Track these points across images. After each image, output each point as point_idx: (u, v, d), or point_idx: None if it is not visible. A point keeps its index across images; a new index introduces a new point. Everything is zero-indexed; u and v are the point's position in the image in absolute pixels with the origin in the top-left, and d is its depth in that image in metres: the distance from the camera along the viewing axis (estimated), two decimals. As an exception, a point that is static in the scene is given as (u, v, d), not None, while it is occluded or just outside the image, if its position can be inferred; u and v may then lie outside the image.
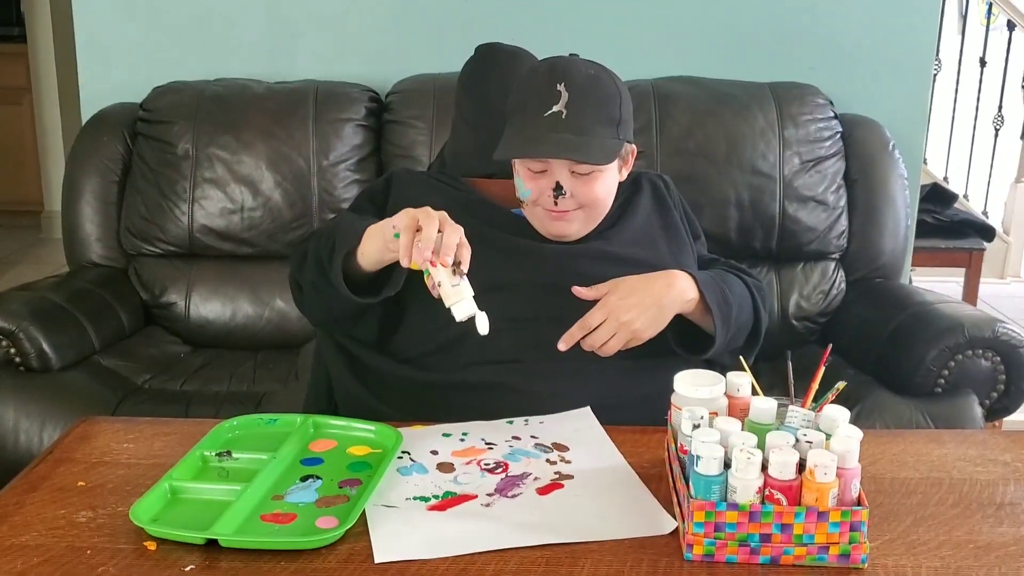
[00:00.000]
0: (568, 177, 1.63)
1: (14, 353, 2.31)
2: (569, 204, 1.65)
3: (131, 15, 2.97)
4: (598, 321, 1.56)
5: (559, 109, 1.61)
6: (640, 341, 1.58)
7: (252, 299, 2.75)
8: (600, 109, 1.64)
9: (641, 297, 1.58)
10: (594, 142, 1.62)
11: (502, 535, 1.20)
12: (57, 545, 1.17)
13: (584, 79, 1.63)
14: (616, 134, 1.66)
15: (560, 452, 1.44)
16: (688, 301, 1.62)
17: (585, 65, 1.66)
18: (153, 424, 1.54)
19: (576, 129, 1.61)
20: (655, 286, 1.60)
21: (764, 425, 1.25)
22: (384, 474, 1.32)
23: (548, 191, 1.64)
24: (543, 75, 1.64)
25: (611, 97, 1.65)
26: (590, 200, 1.67)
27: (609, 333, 1.56)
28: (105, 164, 2.76)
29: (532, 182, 1.66)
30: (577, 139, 1.61)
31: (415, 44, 2.97)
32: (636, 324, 1.57)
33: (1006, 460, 1.45)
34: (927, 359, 2.30)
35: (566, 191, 1.64)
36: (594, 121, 1.63)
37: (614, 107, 1.65)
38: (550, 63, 1.66)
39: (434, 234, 1.42)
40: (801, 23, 2.96)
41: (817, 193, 2.70)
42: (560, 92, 1.61)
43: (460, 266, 1.43)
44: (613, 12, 2.95)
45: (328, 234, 1.62)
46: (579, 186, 1.65)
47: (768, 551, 1.14)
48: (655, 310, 1.59)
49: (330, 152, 2.73)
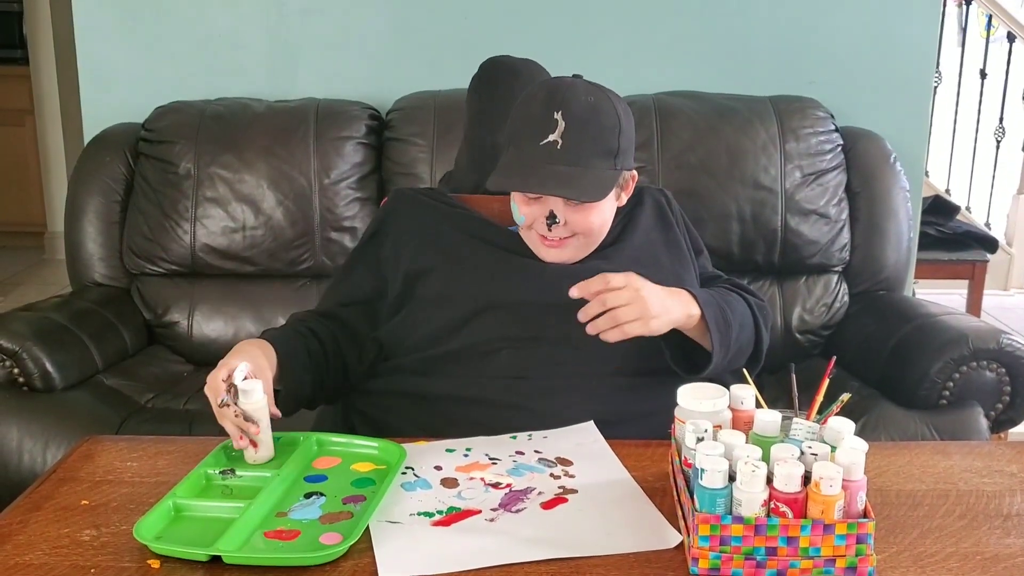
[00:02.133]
0: (562, 206, 1.62)
1: (17, 373, 2.31)
2: (562, 232, 1.64)
3: (132, 36, 2.98)
4: (619, 283, 1.50)
5: (555, 139, 1.58)
6: (647, 326, 1.51)
7: (255, 317, 2.75)
8: (597, 141, 1.61)
9: (656, 288, 1.54)
10: (588, 175, 1.60)
11: (506, 550, 1.20)
12: (61, 564, 1.17)
13: (583, 108, 1.59)
14: (613, 165, 1.63)
15: (564, 467, 1.43)
16: (691, 316, 1.60)
17: (586, 91, 1.62)
18: (156, 442, 1.53)
19: (571, 161, 1.58)
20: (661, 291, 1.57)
21: (769, 438, 1.25)
22: (388, 490, 1.32)
23: (542, 218, 1.63)
24: (541, 102, 1.61)
25: (610, 128, 1.62)
26: (584, 229, 1.65)
27: (626, 299, 1.49)
28: (107, 184, 2.77)
29: (526, 207, 1.65)
30: (570, 171, 1.58)
31: (415, 62, 2.98)
32: (651, 303, 1.50)
33: (1012, 471, 1.44)
34: (931, 371, 2.29)
35: (560, 219, 1.62)
36: (590, 153, 1.60)
37: (612, 138, 1.62)
38: (549, 88, 1.62)
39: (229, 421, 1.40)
40: (802, 37, 2.96)
41: (819, 206, 2.70)
42: (557, 121, 1.58)
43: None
44: (614, 28, 2.96)
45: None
46: (573, 214, 1.63)
47: (774, 564, 1.14)
48: (669, 300, 1.54)
49: (331, 170, 2.74)
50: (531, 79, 1.87)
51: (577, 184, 1.58)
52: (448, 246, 1.72)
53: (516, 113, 1.66)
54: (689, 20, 2.96)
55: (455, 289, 1.68)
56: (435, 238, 1.74)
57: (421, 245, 1.74)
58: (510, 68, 1.91)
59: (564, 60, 1.99)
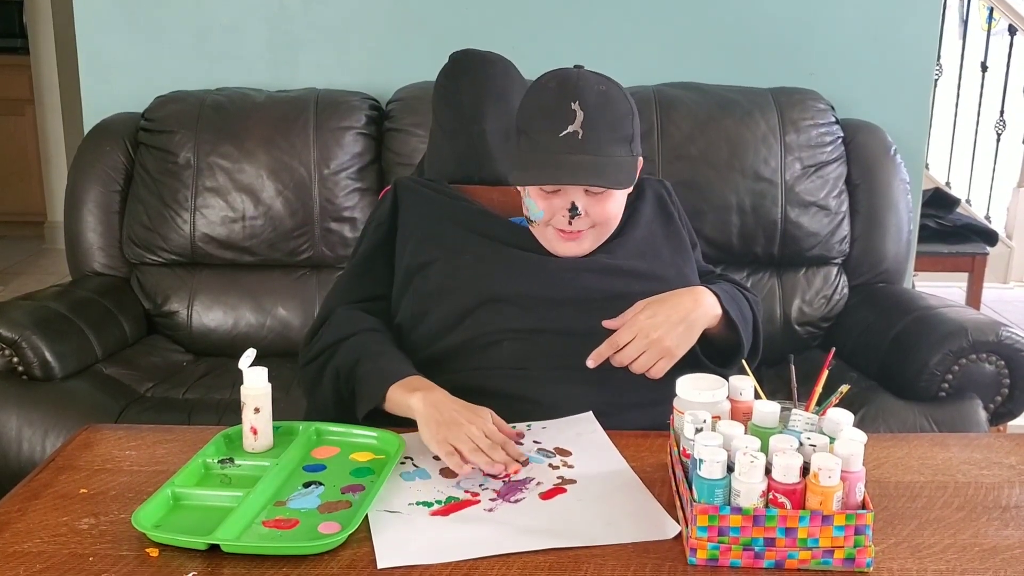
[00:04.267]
0: (583, 196, 1.62)
1: (17, 362, 2.31)
2: (583, 224, 1.64)
3: (133, 26, 2.98)
4: (626, 340, 1.56)
5: (575, 129, 1.58)
6: (674, 358, 1.57)
7: (254, 307, 2.75)
8: (615, 128, 1.61)
9: (668, 314, 1.57)
10: (611, 163, 1.60)
11: (504, 540, 1.20)
12: (59, 552, 1.17)
13: (597, 96, 1.60)
14: (630, 151, 1.65)
15: (563, 457, 1.44)
16: (714, 316, 1.62)
17: (596, 80, 1.62)
18: (155, 431, 1.54)
19: (594, 150, 1.59)
20: (683, 302, 1.60)
21: (767, 429, 1.25)
22: (386, 479, 1.32)
23: (562, 211, 1.63)
24: (554, 92, 1.60)
25: (624, 114, 1.63)
26: (603, 218, 1.66)
27: (639, 350, 1.55)
28: (107, 174, 2.77)
29: (545, 201, 1.64)
30: (595, 160, 1.59)
31: (415, 52, 2.98)
32: (667, 341, 1.56)
33: (1011, 463, 1.44)
34: (931, 364, 2.29)
35: (581, 211, 1.62)
36: (610, 141, 1.60)
37: (628, 124, 1.63)
38: (559, 79, 1.62)
39: (494, 459, 1.38)
40: (802, 29, 2.96)
41: (819, 198, 2.69)
42: (575, 111, 1.58)
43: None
44: (614, 19, 2.95)
45: (346, 376, 1.61)
46: (593, 205, 1.63)
47: (772, 555, 1.14)
48: (684, 326, 1.58)
49: (331, 160, 2.74)
50: (505, 69, 1.88)
51: (604, 173, 1.60)
52: (449, 239, 1.72)
53: (528, 102, 1.65)
54: (690, 12, 2.96)
55: (456, 283, 1.68)
56: (437, 231, 1.74)
57: (423, 239, 1.74)
58: (483, 58, 1.91)
59: (564, 51, 1.99)
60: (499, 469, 1.35)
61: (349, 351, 1.63)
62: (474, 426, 1.41)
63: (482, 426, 1.41)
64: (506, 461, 1.37)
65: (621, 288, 1.67)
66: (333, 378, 1.64)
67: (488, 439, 1.40)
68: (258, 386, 1.41)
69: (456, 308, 1.66)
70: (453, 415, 1.43)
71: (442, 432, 1.40)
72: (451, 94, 1.90)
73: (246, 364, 1.42)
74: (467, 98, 1.87)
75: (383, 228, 1.80)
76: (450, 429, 1.40)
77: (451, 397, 1.49)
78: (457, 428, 1.40)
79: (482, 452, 1.37)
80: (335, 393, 1.64)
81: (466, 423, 1.41)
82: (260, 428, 1.41)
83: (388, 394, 1.53)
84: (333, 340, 1.67)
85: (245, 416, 1.41)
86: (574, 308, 1.64)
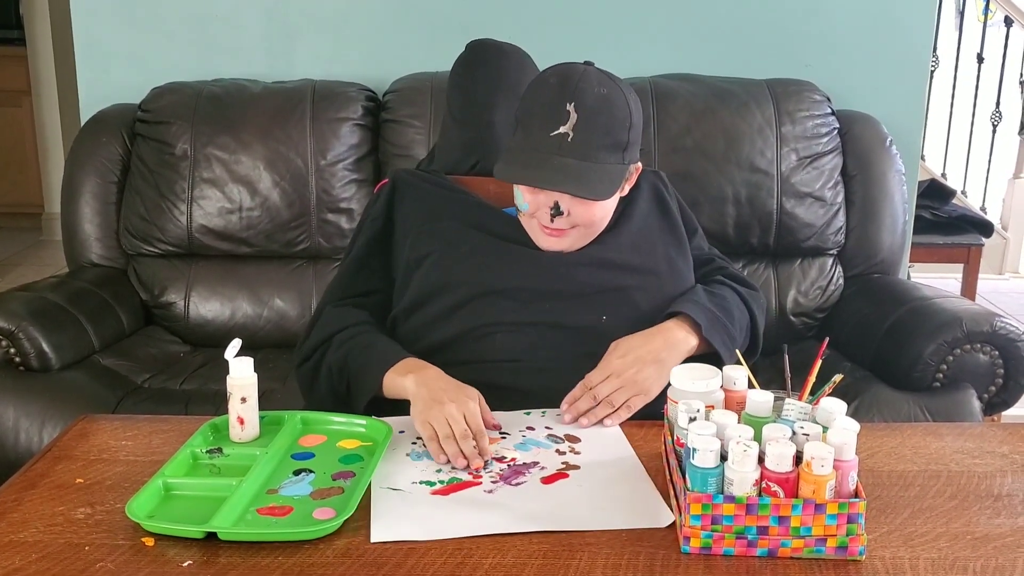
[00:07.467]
0: (567, 197, 1.61)
1: (14, 353, 2.31)
2: (564, 223, 1.64)
3: (129, 17, 2.97)
4: (599, 380, 1.56)
5: (565, 131, 1.57)
6: (649, 396, 1.57)
7: (251, 298, 2.75)
8: (608, 134, 1.60)
9: (640, 354, 1.58)
10: (596, 170, 1.59)
11: (499, 521, 1.21)
12: (55, 541, 1.17)
13: (596, 100, 1.58)
14: (621, 159, 1.63)
15: (571, 443, 1.46)
16: (689, 349, 1.63)
17: (599, 82, 1.60)
18: (151, 421, 1.54)
19: (580, 155, 1.58)
20: (654, 343, 1.60)
21: (760, 418, 1.26)
22: (379, 463, 1.34)
23: (545, 207, 1.62)
24: (553, 90, 1.59)
25: (620, 121, 1.61)
26: (586, 221, 1.65)
27: (613, 387, 1.55)
28: (104, 165, 2.77)
29: (531, 196, 1.63)
30: (579, 165, 1.57)
31: (412, 43, 2.97)
32: (639, 379, 1.56)
33: (1003, 452, 1.45)
34: (925, 354, 2.30)
35: (564, 211, 1.62)
36: (600, 147, 1.59)
37: (622, 132, 1.61)
38: (561, 76, 1.61)
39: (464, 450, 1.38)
40: (798, 20, 2.96)
41: (815, 189, 2.70)
42: (569, 113, 1.57)
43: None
44: (611, 10, 2.95)
45: (340, 371, 1.63)
46: (577, 206, 1.62)
47: (765, 543, 1.14)
48: (655, 366, 1.58)
49: (328, 151, 2.73)
50: (520, 61, 1.87)
51: (586, 180, 1.58)
52: (446, 233, 1.73)
53: (529, 96, 1.64)
54: (686, 3, 2.96)
55: (451, 276, 1.68)
56: (434, 225, 1.74)
57: (421, 233, 1.74)
58: (499, 48, 1.90)
59: (561, 42, 2.00)
60: (462, 464, 1.36)
61: (340, 347, 1.65)
62: (455, 405, 1.42)
63: (463, 407, 1.42)
64: (471, 456, 1.37)
65: (614, 282, 1.67)
66: (327, 376, 1.65)
67: (465, 424, 1.40)
68: (244, 376, 1.42)
69: (450, 301, 1.67)
70: (439, 394, 1.46)
71: (425, 412, 1.43)
72: (465, 83, 1.90)
73: (231, 354, 1.43)
74: (480, 88, 1.86)
75: (379, 223, 1.81)
76: (432, 408, 1.43)
77: (443, 375, 1.52)
78: (439, 408, 1.42)
79: (453, 440, 1.38)
80: (331, 390, 1.65)
81: (448, 402, 1.43)
82: (247, 418, 1.42)
83: (384, 380, 1.55)
84: (323, 338, 1.68)
85: (232, 406, 1.42)
86: (567, 301, 1.64)
